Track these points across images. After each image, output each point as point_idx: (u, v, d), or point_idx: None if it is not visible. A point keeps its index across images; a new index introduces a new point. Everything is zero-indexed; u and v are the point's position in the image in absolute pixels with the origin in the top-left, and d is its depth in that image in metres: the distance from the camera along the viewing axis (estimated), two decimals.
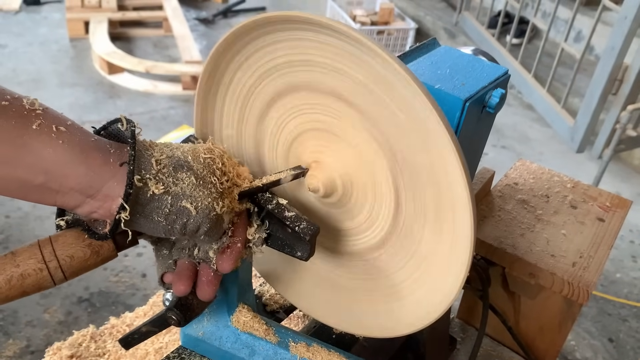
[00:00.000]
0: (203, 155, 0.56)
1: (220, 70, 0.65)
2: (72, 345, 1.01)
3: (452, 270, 0.59)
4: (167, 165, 0.53)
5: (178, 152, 0.55)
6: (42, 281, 0.50)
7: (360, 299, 0.71)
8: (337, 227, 0.68)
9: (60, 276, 0.51)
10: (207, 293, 0.61)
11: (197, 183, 0.54)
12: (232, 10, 4.77)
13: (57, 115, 0.49)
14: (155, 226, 0.53)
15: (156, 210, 0.52)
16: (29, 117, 0.47)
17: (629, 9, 2.57)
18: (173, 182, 0.52)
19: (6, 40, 3.93)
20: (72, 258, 0.51)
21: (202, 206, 0.53)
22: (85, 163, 0.48)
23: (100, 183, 0.49)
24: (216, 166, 0.57)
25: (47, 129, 0.47)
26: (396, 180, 0.60)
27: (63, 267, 0.51)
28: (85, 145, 0.49)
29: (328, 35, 0.55)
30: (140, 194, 0.50)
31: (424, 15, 4.63)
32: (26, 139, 0.46)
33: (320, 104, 0.62)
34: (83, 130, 0.50)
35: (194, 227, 0.54)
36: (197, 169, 0.54)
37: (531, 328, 1.04)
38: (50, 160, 0.47)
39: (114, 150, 0.50)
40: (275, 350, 0.71)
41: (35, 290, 0.51)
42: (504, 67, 0.73)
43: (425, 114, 0.52)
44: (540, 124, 3.48)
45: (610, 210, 1.02)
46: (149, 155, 0.52)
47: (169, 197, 0.52)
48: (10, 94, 0.47)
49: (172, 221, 0.52)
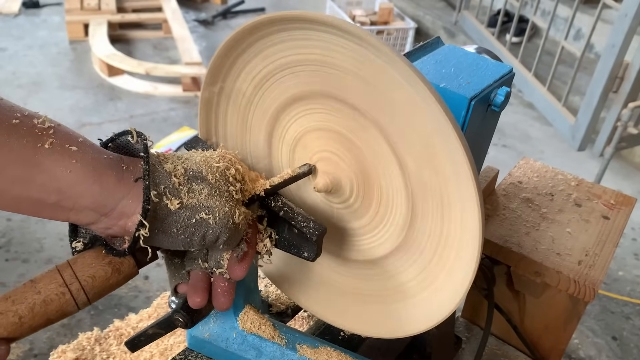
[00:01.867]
0: (215, 164, 0.55)
1: (225, 70, 0.65)
2: (76, 348, 1.00)
3: (459, 270, 0.59)
4: (182, 178, 0.52)
5: (191, 164, 0.54)
6: (65, 305, 0.49)
7: (366, 300, 0.71)
8: (343, 228, 0.68)
9: (84, 298, 0.50)
10: (224, 303, 0.60)
11: (212, 193, 0.53)
12: (231, 11, 4.77)
13: (68, 133, 0.48)
14: (174, 240, 0.52)
15: (174, 224, 0.51)
16: (41, 136, 0.46)
17: (629, 6, 2.56)
18: (188, 194, 0.52)
19: (6, 43, 3.93)
20: (94, 278, 0.50)
21: (220, 216, 0.53)
22: (99, 182, 0.47)
23: (115, 201, 0.48)
24: (230, 173, 0.56)
25: (60, 147, 0.46)
26: (403, 182, 0.60)
27: (85, 288, 0.50)
28: (98, 164, 0.48)
29: (335, 35, 0.54)
30: (157, 209, 0.50)
31: (424, 15, 4.63)
32: (38, 158, 0.45)
33: (325, 104, 0.61)
34: (95, 147, 0.49)
35: (213, 237, 0.53)
36: (211, 179, 0.54)
37: (536, 327, 1.04)
38: (63, 180, 0.46)
39: (126, 167, 0.50)
40: (282, 351, 0.71)
41: (59, 316, 0.49)
42: (509, 66, 0.73)
43: (434, 116, 0.52)
44: (541, 122, 3.48)
45: (615, 208, 1.02)
46: (163, 169, 0.51)
47: (187, 210, 0.51)
48: (20, 111, 0.46)
49: (191, 234, 0.52)
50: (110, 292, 0.53)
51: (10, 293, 0.48)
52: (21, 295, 0.48)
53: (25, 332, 0.48)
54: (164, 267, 2.12)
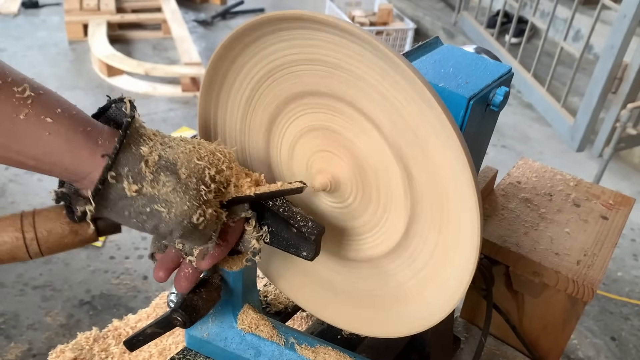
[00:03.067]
0: (196, 160, 0.54)
1: (224, 70, 0.65)
2: (75, 347, 1.00)
3: (458, 270, 0.59)
4: (152, 165, 0.51)
5: (170, 153, 0.53)
6: (16, 250, 0.51)
7: (365, 300, 0.71)
8: (342, 227, 0.68)
9: (36, 249, 0.51)
10: (183, 287, 0.62)
11: (177, 188, 0.52)
12: (230, 12, 4.77)
13: (48, 103, 0.49)
14: (126, 221, 0.53)
15: (127, 208, 0.51)
16: (18, 105, 0.47)
17: (628, 7, 2.57)
18: (151, 184, 0.51)
19: (5, 43, 3.93)
20: (49, 233, 0.52)
21: (175, 212, 0.52)
22: (71, 154, 0.49)
23: (86, 172, 0.50)
24: (209, 172, 0.55)
25: (34, 118, 0.47)
26: (402, 182, 0.60)
27: (39, 239, 0.51)
28: (73, 137, 0.49)
29: (335, 35, 0.54)
30: (111, 190, 0.50)
31: (423, 16, 4.63)
32: (14, 127, 0.47)
33: (325, 104, 0.61)
34: (74, 118, 0.50)
35: (165, 231, 0.53)
36: (182, 173, 0.53)
37: (535, 327, 1.04)
38: (37, 150, 0.48)
39: (102, 141, 0.50)
40: (281, 351, 0.71)
41: (9, 258, 0.51)
42: (507, 65, 0.73)
43: (433, 116, 0.52)
44: (540, 123, 3.48)
45: (614, 208, 1.02)
46: (137, 150, 0.51)
47: (143, 199, 0.51)
48: (2, 78, 0.47)
49: (143, 221, 0.52)
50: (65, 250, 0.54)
51: None
52: None
53: None
54: None
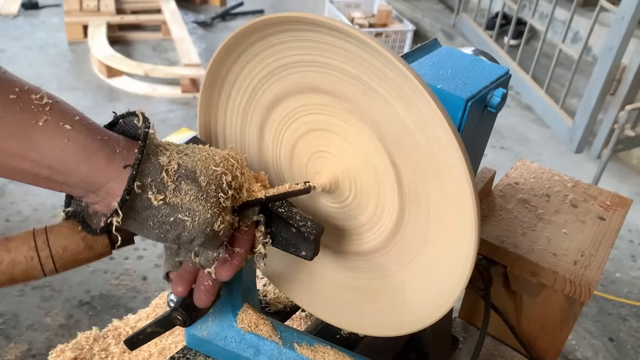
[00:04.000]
0: (213, 167, 0.55)
1: (224, 72, 0.66)
2: (75, 347, 1.01)
3: (456, 269, 0.60)
4: (172, 175, 0.52)
5: (188, 161, 0.54)
6: (31, 270, 0.50)
7: (364, 299, 0.72)
8: (340, 227, 0.69)
9: (51, 267, 0.51)
10: (204, 301, 0.61)
11: (199, 197, 0.52)
12: (230, 13, 4.78)
13: (65, 110, 0.49)
14: (148, 232, 0.52)
15: (152, 218, 0.51)
16: (36, 112, 0.47)
17: (626, 9, 2.58)
18: (174, 193, 0.51)
19: (5, 44, 3.93)
20: (64, 249, 0.51)
21: (199, 221, 0.52)
22: (88, 162, 0.48)
23: (102, 182, 0.49)
24: (226, 179, 0.55)
25: (53, 125, 0.47)
26: (400, 181, 0.60)
27: (55, 257, 0.51)
28: (90, 144, 0.49)
29: (334, 37, 0.55)
30: (137, 201, 0.50)
31: (422, 17, 4.64)
32: (32, 134, 0.47)
33: (325, 105, 0.62)
34: (90, 127, 0.50)
35: (187, 239, 0.53)
36: (202, 181, 0.53)
37: (533, 327, 1.05)
38: (54, 158, 0.47)
39: (120, 150, 0.50)
40: (280, 350, 0.72)
41: (24, 278, 0.50)
42: (505, 67, 0.74)
43: (431, 118, 0.53)
44: (538, 124, 3.49)
45: (611, 209, 1.03)
46: (157, 160, 0.51)
47: (167, 208, 0.51)
48: (19, 86, 0.48)
49: (166, 231, 0.52)
50: (79, 266, 0.53)
51: None
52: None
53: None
54: (162, 268, 2.11)
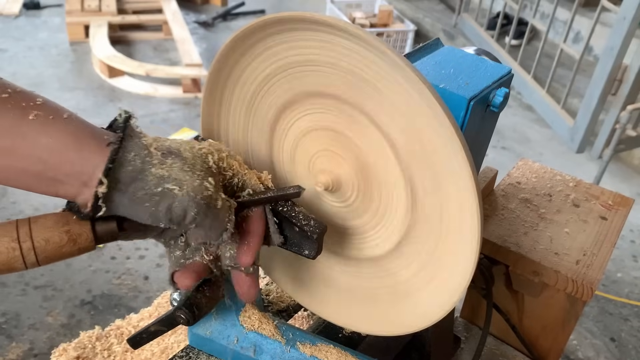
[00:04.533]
0: (197, 147, 0.57)
1: (226, 72, 0.66)
2: (78, 346, 1.01)
3: (459, 269, 0.60)
4: (157, 150, 0.53)
5: (171, 142, 0.56)
6: (13, 261, 0.50)
7: (366, 298, 0.72)
8: (343, 226, 0.69)
9: (33, 259, 0.50)
10: (252, 295, 0.62)
11: (185, 168, 0.53)
12: (231, 13, 4.78)
13: (55, 107, 0.50)
14: (139, 207, 0.52)
15: (140, 190, 0.51)
16: (27, 108, 0.48)
17: (627, 9, 2.58)
18: (159, 164, 0.52)
19: (6, 44, 3.94)
20: (47, 242, 0.50)
21: (187, 189, 0.52)
22: (78, 149, 0.49)
23: (91, 168, 0.50)
24: (212, 158, 0.57)
25: (44, 118, 0.48)
26: (403, 180, 0.60)
27: (37, 249, 0.50)
28: (80, 134, 0.50)
29: (337, 36, 0.55)
30: (122, 171, 0.50)
31: (423, 17, 4.64)
32: (23, 129, 0.48)
33: (327, 104, 0.62)
34: (80, 121, 0.51)
35: (179, 210, 0.52)
36: (187, 156, 0.54)
37: (535, 327, 1.05)
38: (45, 148, 0.48)
39: (107, 138, 0.51)
40: (283, 349, 0.72)
41: (5, 269, 0.50)
42: (507, 67, 0.74)
43: (435, 118, 0.53)
44: (540, 124, 3.49)
45: (613, 209, 1.03)
46: (140, 140, 0.53)
47: (154, 178, 0.51)
48: (12, 88, 0.49)
49: (156, 203, 0.51)
50: (62, 259, 0.53)
51: None
52: None
53: None
54: (163, 268, 2.12)
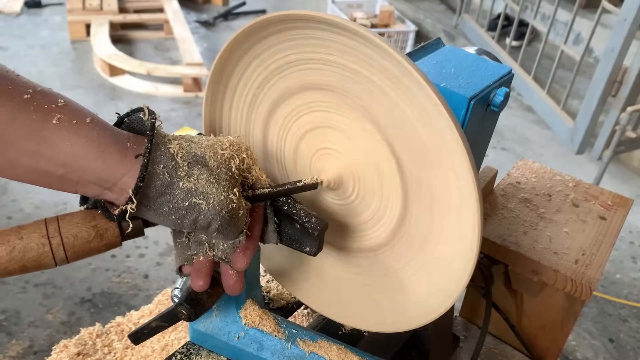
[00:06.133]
0: (221, 151, 0.56)
1: (228, 72, 0.66)
2: (78, 342, 1.02)
3: (458, 267, 0.60)
4: (183, 161, 0.53)
5: (196, 148, 0.55)
6: (43, 257, 0.50)
7: (366, 295, 0.72)
8: (343, 223, 0.69)
9: (62, 255, 0.51)
10: (237, 289, 0.62)
11: (211, 180, 0.54)
12: (232, 12, 4.79)
13: (77, 109, 0.50)
14: (164, 219, 0.53)
15: (167, 204, 0.52)
16: (50, 110, 0.48)
17: (628, 11, 2.58)
18: (186, 178, 0.52)
19: (7, 43, 3.94)
20: (75, 237, 0.51)
21: (214, 203, 0.53)
22: (102, 158, 0.49)
23: (117, 177, 0.50)
24: (234, 162, 0.57)
25: (67, 123, 0.48)
26: (404, 178, 0.61)
27: (66, 245, 0.51)
28: (103, 140, 0.49)
29: (339, 35, 0.56)
30: (151, 188, 0.51)
31: (424, 18, 4.65)
32: (46, 133, 0.47)
33: (328, 102, 0.63)
34: (102, 125, 0.51)
35: (204, 223, 0.54)
36: (212, 165, 0.55)
37: (533, 326, 1.05)
38: (68, 154, 0.48)
39: (131, 145, 0.51)
40: (283, 345, 0.72)
41: (35, 266, 0.50)
42: (508, 67, 0.74)
43: (435, 115, 0.53)
44: (540, 125, 3.49)
45: (612, 209, 1.03)
46: (167, 148, 0.52)
47: (181, 192, 0.52)
48: (32, 87, 0.48)
49: (182, 216, 0.53)
50: (89, 256, 0.53)
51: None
52: (4, 236, 0.49)
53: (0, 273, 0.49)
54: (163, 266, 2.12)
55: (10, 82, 0.47)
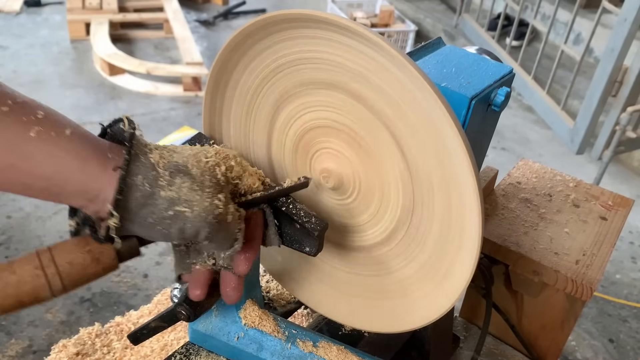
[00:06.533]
0: (205, 159, 0.55)
1: (229, 68, 0.66)
2: (77, 342, 1.01)
3: (459, 267, 0.60)
4: (164, 170, 0.52)
5: (178, 157, 0.54)
6: (38, 289, 0.48)
7: (367, 296, 0.72)
8: (344, 223, 0.69)
9: (59, 284, 0.49)
10: (234, 298, 0.62)
11: (194, 187, 0.52)
12: (232, 12, 4.78)
13: (57, 121, 0.49)
14: (150, 231, 0.52)
15: (150, 215, 0.51)
16: (28, 123, 0.47)
17: (628, 11, 2.58)
18: (168, 187, 0.51)
19: (7, 41, 3.94)
20: (71, 265, 0.50)
21: (198, 210, 0.52)
22: (82, 170, 0.48)
23: (97, 189, 0.49)
24: (219, 170, 0.56)
25: (46, 135, 0.47)
26: (404, 179, 0.61)
27: (62, 274, 0.49)
28: (83, 152, 0.49)
29: (340, 34, 0.55)
30: (131, 199, 0.50)
31: (424, 18, 4.65)
32: (24, 146, 0.46)
33: (328, 101, 0.62)
34: (83, 135, 0.50)
35: (192, 231, 0.53)
36: (195, 173, 0.53)
37: (534, 326, 1.05)
38: (48, 167, 0.47)
39: (112, 156, 0.50)
40: (283, 346, 0.72)
41: (32, 300, 0.49)
42: (509, 66, 0.74)
43: (437, 115, 0.53)
44: (540, 125, 3.49)
45: (613, 209, 1.03)
46: (147, 159, 0.51)
47: (164, 202, 0.51)
48: (12, 99, 0.47)
49: (168, 225, 0.52)
50: (87, 283, 0.52)
51: None
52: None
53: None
54: (163, 266, 2.12)
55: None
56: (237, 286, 0.61)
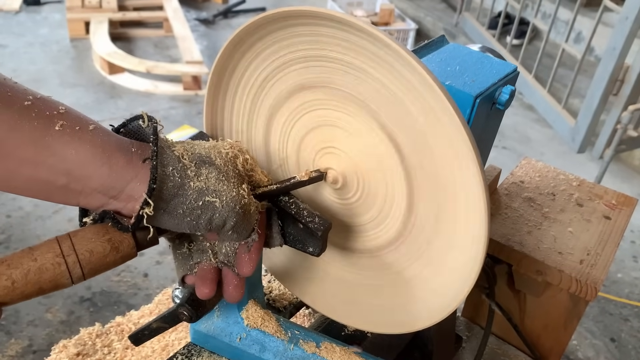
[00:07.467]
0: (224, 151, 0.56)
1: (232, 66, 0.66)
2: (78, 343, 1.01)
3: (464, 267, 0.59)
4: (190, 162, 0.52)
5: (199, 149, 0.55)
6: (59, 277, 0.48)
7: (369, 296, 0.71)
8: (347, 223, 0.69)
9: (79, 272, 0.50)
10: (236, 297, 0.61)
11: (220, 177, 0.53)
12: (232, 10, 4.78)
13: (79, 116, 0.49)
14: (179, 222, 0.52)
15: (181, 205, 0.51)
16: (51, 117, 0.46)
17: (630, 9, 2.57)
18: (196, 177, 0.52)
19: (7, 40, 3.93)
20: (91, 253, 0.50)
21: (227, 200, 0.53)
22: (108, 163, 0.48)
23: (123, 184, 0.49)
24: (238, 162, 0.57)
25: (70, 129, 0.46)
26: (409, 179, 0.60)
27: (82, 262, 0.49)
28: (108, 146, 0.48)
29: (345, 32, 0.55)
30: (164, 190, 0.50)
31: (424, 16, 4.64)
32: (48, 140, 0.45)
33: (331, 100, 0.62)
34: (105, 131, 0.50)
35: (220, 221, 0.53)
36: (219, 164, 0.54)
37: (536, 326, 1.04)
38: (72, 162, 0.46)
39: (135, 150, 0.50)
40: (286, 346, 0.71)
41: (52, 287, 0.49)
42: (513, 64, 0.73)
43: (442, 113, 0.52)
44: (541, 124, 3.49)
45: (617, 208, 1.02)
46: (172, 152, 0.52)
47: (193, 192, 0.51)
48: (32, 94, 0.47)
49: (197, 216, 0.52)
50: (106, 270, 0.52)
51: (7, 257, 0.47)
52: (17, 260, 0.47)
53: (16, 297, 0.47)
54: (163, 265, 2.12)
55: (10, 89, 0.45)
56: (239, 285, 0.61)
